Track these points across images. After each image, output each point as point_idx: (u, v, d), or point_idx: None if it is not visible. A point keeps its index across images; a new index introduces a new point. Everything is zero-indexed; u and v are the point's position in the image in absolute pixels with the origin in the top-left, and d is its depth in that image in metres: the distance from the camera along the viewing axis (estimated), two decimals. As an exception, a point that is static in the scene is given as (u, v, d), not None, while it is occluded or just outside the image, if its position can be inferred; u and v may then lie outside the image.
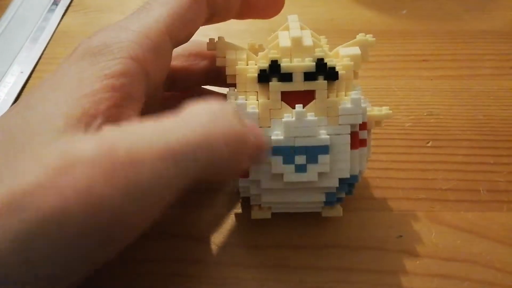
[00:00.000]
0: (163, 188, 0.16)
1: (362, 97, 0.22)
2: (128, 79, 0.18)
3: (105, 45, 0.18)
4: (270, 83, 0.21)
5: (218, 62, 0.23)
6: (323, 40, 0.25)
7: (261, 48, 0.25)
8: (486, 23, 0.39)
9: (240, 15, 0.24)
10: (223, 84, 0.27)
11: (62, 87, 0.18)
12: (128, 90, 0.18)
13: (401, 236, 0.24)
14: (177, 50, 0.25)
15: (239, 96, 0.22)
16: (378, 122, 0.23)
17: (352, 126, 0.21)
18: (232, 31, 0.33)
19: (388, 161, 0.28)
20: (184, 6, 0.20)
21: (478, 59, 0.36)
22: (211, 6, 0.22)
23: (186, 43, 0.26)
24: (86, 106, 0.17)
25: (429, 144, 0.29)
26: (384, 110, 0.23)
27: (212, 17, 0.22)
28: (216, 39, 0.23)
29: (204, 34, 0.24)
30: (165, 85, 0.25)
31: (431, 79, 0.34)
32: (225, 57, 0.22)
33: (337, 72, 0.21)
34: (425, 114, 0.31)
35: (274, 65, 0.21)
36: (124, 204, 0.15)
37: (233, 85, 0.22)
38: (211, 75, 0.26)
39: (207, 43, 0.23)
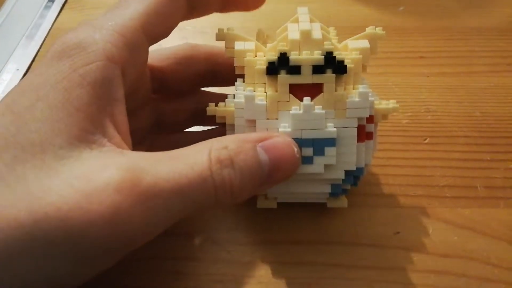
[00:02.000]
0: (172, 217, 0.18)
1: (370, 90, 0.22)
2: (110, 83, 0.18)
3: (81, 46, 0.18)
4: (278, 75, 0.21)
5: (227, 53, 0.23)
6: (332, 31, 0.25)
7: (269, 38, 0.25)
8: (482, 20, 0.39)
9: (222, 8, 0.23)
10: (220, 84, 0.27)
11: (48, 96, 0.18)
12: (111, 93, 0.19)
13: (398, 232, 0.24)
14: (167, 54, 0.25)
15: (247, 88, 0.22)
16: (385, 115, 0.23)
17: (359, 119, 0.21)
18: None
19: (385, 158, 0.28)
20: (161, 2, 0.20)
21: (475, 56, 0.36)
22: (190, 0, 0.22)
23: (178, 46, 0.26)
24: (82, 122, 0.18)
25: (426, 141, 0.29)
26: (391, 103, 0.23)
27: (192, 11, 0.22)
28: (226, 30, 0.23)
29: (203, 32, 0.24)
30: (154, 89, 0.25)
31: (428, 76, 0.34)
32: (233, 48, 0.22)
33: (346, 65, 0.21)
34: (422, 111, 0.31)
35: (283, 57, 0.21)
36: (140, 230, 0.17)
37: (240, 76, 0.22)
38: (207, 77, 0.26)
39: (216, 33, 0.23)
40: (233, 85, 0.23)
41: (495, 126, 0.30)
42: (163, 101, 0.26)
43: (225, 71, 0.25)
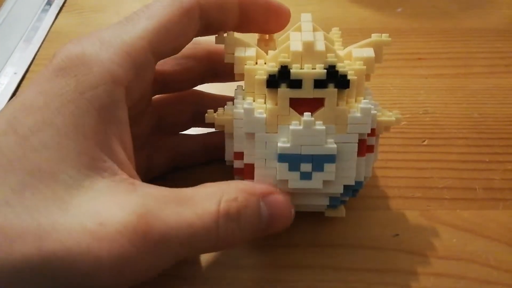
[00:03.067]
0: (174, 261, 0.18)
1: (372, 102, 0.21)
2: (116, 106, 0.18)
3: (85, 64, 0.18)
4: (279, 89, 0.20)
5: (227, 59, 0.22)
6: (336, 33, 0.24)
7: (271, 39, 0.25)
8: (481, 21, 0.39)
9: (239, 28, 0.23)
10: (221, 81, 0.27)
11: (55, 121, 0.17)
12: (118, 117, 0.18)
13: (397, 234, 0.24)
14: None
15: (247, 98, 0.21)
16: (387, 127, 0.22)
17: (360, 134, 0.21)
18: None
19: (384, 160, 0.28)
20: (172, 20, 0.20)
21: (473, 57, 0.36)
22: (204, 19, 0.21)
23: None
24: (92, 151, 0.17)
25: (424, 143, 0.29)
26: (394, 115, 0.22)
27: (207, 29, 0.22)
28: (225, 34, 0.23)
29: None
30: (154, 90, 0.25)
31: (427, 78, 0.34)
32: (233, 54, 0.22)
33: (348, 80, 0.20)
34: (421, 112, 0.31)
35: (284, 70, 0.20)
36: (144, 274, 0.17)
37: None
38: (207, 75, 0.26)
39: (216, 37, 0.23)
40: (234, 80, 0.23)
41: (494, 127, 0.30)
42: (163, 103, 0.26)
43: (226, 68, 0.25)
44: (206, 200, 0.18)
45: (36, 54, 0.36)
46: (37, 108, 0.17)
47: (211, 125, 0.22)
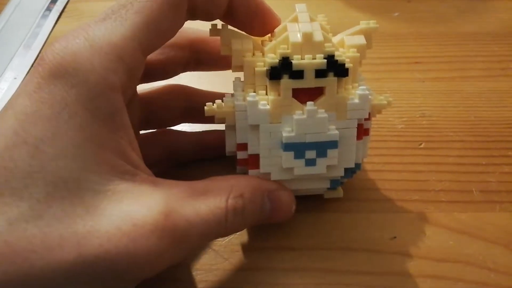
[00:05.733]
0: (193, 249, 0.22)
1: (367, 88, 0.22)
2: (119, 112, 0.19)
3: (80, 74, 0.18)
4: (281, 80, 0.21)
5: (223, 51, 0.22)
6: (323, 20, 0.24)
7: None
8: (477, 25, 0.39)
9: (225, 18, 0.23)
10: (205, 69, 0.26)
11: (64, 132, 0.17)
12: (122, 122, 0.19)
13: (394, 237, 0.24)
14: None
15: (248, 90, 0.22)
16: (379, 110, 0.24)
17: (359, 119, 0.22)
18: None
19: (381, 163, 0.28)
20: (161, 14, 0.20)
21: (470, 61, 0.36)
22: (192, 10, 0.21)
23: None
24: (109, 158, 0.18)
25: (421, 146, 0.29)
26: (386, 98, 0.23)
27: (193, 18, 0.22)
28: (219, 26, 0.23)
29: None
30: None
31: (423, 81, 0.34)
32: (229, 46, 0.22)
33: (347, 68, 0.21)
34: (418, 115, 0.31)
35: (286, 62, 0.21)
36: (166, 264, 0.19)
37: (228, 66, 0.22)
38: (190, 63, 0.26)
39: (210, 29, 0.23)
40: (217, 70, 0.23)
41: (490, 130, 0.30)
42: (151, 98, 0.26)
43: (209, 57, 0.25)
44: (217, 196, 0.20)
45: (35, 60, 0.37)
46: (44, 118, 0.17)
47: (200, 119, 0.22)
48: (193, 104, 0.26)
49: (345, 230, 0.25)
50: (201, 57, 0.26)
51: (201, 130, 0.28)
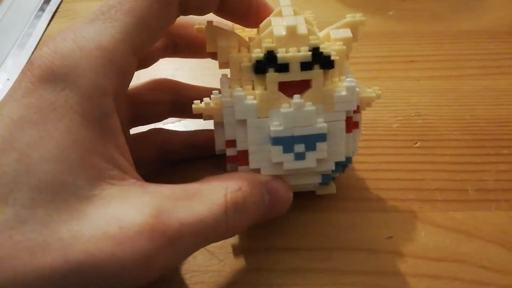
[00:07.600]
0: (188, 254, 0.20)
1: (354, 80, 0.22)
2: (109, 117, 0.18)
3: (70, 78, 0.17)
4: (267, 74, 0.21)
5: (208, 48, 0.22)
6: (310, 16, 0.24)
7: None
8: (472, 23, 0.39)
9: (217, 14, 0.23)
10: (182, 56, 0.26)
11: (52, 136, 0.17)
12: (111, 126, 0.19)
13: (390, 237, 0.24)
14: None
15: (234, 85, 0.22)
16: (368, 103, 0.23)
17: (347, 111, 0.22)
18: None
19: (376, 162, 0.28)
20: (152, 12, 0.19)
21: (465, 59, 0.36)
22: (184, 5, 0.21)
23: None
24: (96, 162, 0.18)
25: (417, 145, 0.29)
26: (374, 91, 0.23)
27: (184, 13, 0.22)
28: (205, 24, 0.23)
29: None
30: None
31: (419, 80, 0.34)
32: (215, 43, 0.22)
33: (333, 60, 0.21)
34: (413, 114, 0.31)
35: (270, 55, 0.21)
36: (162, 268, 0.18)
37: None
38: (167, 50, 0.25)
39: (195, 27, 0.23)
40: (195, 57, 0.23)
41: (486, 129, 0.30)
42: (138, 93, 0.26)
43: (186, 41, 0.25)
44: (213, 193, 0.19)
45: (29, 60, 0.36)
46: (31, 123, 0.17)
47: (189, 114, 0.22)
48: (180, 98, 0.26)
49: (340, 230, 0.25)
50: (177, 41, 0.25)
51: (193, 130, 0.28)
